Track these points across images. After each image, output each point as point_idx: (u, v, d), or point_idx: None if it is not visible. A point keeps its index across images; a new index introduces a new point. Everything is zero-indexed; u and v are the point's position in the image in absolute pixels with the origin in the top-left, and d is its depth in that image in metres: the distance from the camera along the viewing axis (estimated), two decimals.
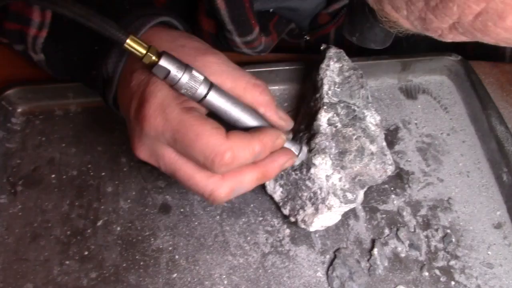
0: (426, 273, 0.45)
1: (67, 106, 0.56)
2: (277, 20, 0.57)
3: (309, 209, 0.45)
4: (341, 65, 0.50)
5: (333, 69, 0.50)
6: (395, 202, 0.50)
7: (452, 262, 0.46)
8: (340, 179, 0.44)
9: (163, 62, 0.34)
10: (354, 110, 0.48)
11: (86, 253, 0.46)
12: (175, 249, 0.46)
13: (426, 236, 0.47)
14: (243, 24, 0.50)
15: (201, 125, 0.35)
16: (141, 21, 0.41)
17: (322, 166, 0.44)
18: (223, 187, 0.37)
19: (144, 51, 0.34)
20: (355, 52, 0.56)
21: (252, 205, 0.49)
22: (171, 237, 0.47)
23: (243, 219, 0.48)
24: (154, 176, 0.51)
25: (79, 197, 0.49)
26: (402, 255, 0.46)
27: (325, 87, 0.49)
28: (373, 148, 0.46)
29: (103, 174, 0.51)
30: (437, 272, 0.45)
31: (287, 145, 0.41)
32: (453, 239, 0.47)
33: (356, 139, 0.46)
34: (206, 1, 0.48)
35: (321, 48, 0.53)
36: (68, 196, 0.49)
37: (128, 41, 0.34)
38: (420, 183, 0.51)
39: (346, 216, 0.48)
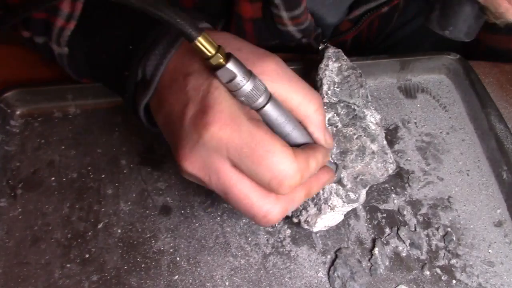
0: (427, 272, 0.45)
1: (66, 108, 0.56)
2: (309, 22, 0.57)
3: (312, 210, 0.45)
4: (339, 64, 0.50)
5: (332, 69, 0.50)
6: (395, 201, 0.50)
7: (453, 261, 0.46)
8: (342, 179, 0.44)
9: (231, 66, 0.32)
10: (354, 110, 0.48)
11: (87, 256, 0.45)
12: (176, 251, 0.46)
13: (427, 235, 0.47)
14: None
15: (272, 141, 0.33)
16: (171, 40, 0.39)
17: None
18: (278, 208, 0.36)
19: (213, 51, 0.32)
20: (356, 52, 0.56)
21: None
22: (172, 239, 0.47)
23: (244, 220, 0.48)
24: (154, 178, 0.51)
25: (79, 200, 0.49)
26: (403, 254, 0.46)
27: (325, 87, 0.49)
28: (374, 147, 0.46)
29: (103, 176, 0.51)
30: (438, 271, 0.45)
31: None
32: (454, 238, 0.47)
33: (357, 138, 0.46)
34: None
35: (319, 48, 0.53)
36: (68, 198, 0.49)
37: (200, 38, 0.31)
38: (420, 182, 0.51)
39: (346, 216, 0.48)
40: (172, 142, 0.37)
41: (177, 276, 0.44)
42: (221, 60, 0.32)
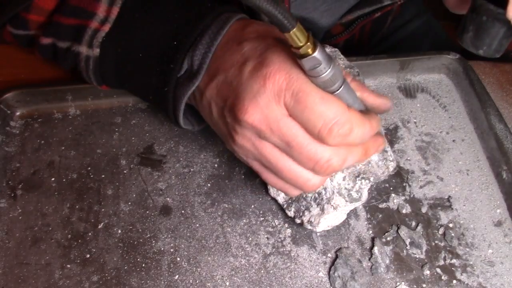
0: (428, 272, 0.45)
1: (66, 109, 0.56)
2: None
3: (315, 210, 0.45)
4: (337, 64, 0.50)
5: None
6: (395, 201, 0.50)
7: (453, 261, 0.46)
8: (344, 178, 0.44)
9: (318, 55, 0.33)
10: None
11: (87, 256, 0.45)
12: (176, 251, 0.46)
13: (427, 235, 0.47)
14: None
15: (326, 93, 0.35)
16: (226, 16, 0.41)
17: None
18: (339, 156, 0.37)
19: (304, 41, 0.32)
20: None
21: (252, 206, 0.49)
22: (172, 239, 0.47)
23: (244, 220, 0.48)
24: (154, 178, 0.51)
25: (79, 200, 0.49)
26: (403, 254, 0.46)
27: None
28: None
29: (103, 176, 0.51)
30: (438, 270, 0.45)
31: None
32: (454, 238, 0.47)
33: None
34: None
35: None
36: (68, 199, 0.49)
37: (295, 28, 0.32)
38: (420, 181, 0.51)
39: (347, 215, 0.48)
40: (227, 106, 0.38)
41: (177, 276, 0.44)
42: (310, 50, 0.33)
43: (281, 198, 0.47)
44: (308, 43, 0.32)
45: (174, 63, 0.42)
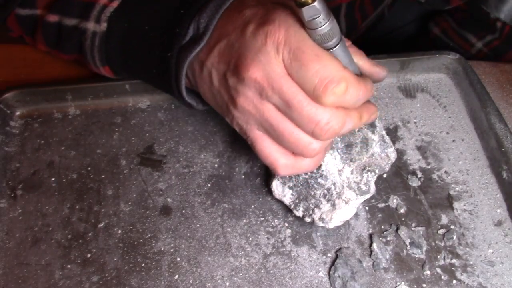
0: (428, 272, 0.45)
1: (66, 109, 0.56)
2: None
3: (325, 206, 0.45)
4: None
5: None
6: (395, 200, 0.50)
7: (453, 261, 0.46)
8: (352, 172, 0.45)
9: (318, 4, 0.33)
10: None
11: (87, 256, 0.45)
12: (176, 251, 0.46)
13: (427, 235, 0.47)
14: None
15: (322, 50, 0.35)
16: None
17: (333, 162, 0.45)
18: (338, 118, 0.37)
19: None
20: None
21: (253, 206, 0.49)
22: (172, 240, 0.47)
23: (244, 220, 0.48)
24: (154, 178, 0.51)
25: (79, 201, 0.49)
26: (403, 254, 0.46)
27: None
28: (375, 137, 0.47)
29: (103, 176, 0.51)
30: (439, 270, 0.45)
31: None
32: (454, 237, 0.47)
33: (358, 131, 0.46)
34: None
35: None
36: (68, 199, 0.49)
37: None
38: (420, 181, 0.51)
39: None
40: (230, 68, 0.39)
41: (177, 277, 0.44)
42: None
43: (287, 198, 0.47)
44: None
45: (180, 28, 0.42)
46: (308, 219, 0.46)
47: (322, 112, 0.36)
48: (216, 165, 0.52)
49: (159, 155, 0.53)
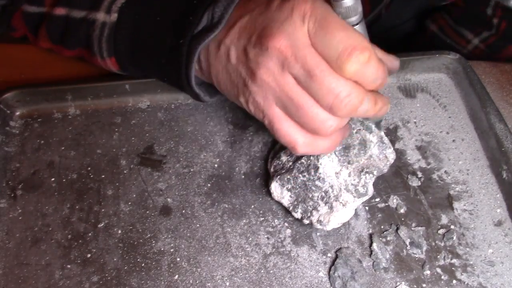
0: (428, 272, 0.45)
1: (66, 109, 0.56)
2: None
3: (323, 209, 0.45)
4: None
5: None
6: (395, 200, 0.50)
7: (453, 260, 0.46)
8: (349, 174, 0.45)
9: None
10: None
11: (87, 256, 0.45)
12: (176, 251, 0.46)
13: (427, 235, 0.47)
14: None
15: (346, 22, 0.37)
16: None
17: (330, 164, 0.45)
18: (358, 93, 0.37)
19: None
20: None
21: (253, 206, 0.49)
22: (172, 240, 0.47)
23: (244, 220, 0.48)
24: (154, 178, 0.51)
25: (79, 201, 0.49)
26: (403, 254, 0.46)
27: None
28: (373, 138, 0.47)
29: (103, 177, 0.51)
30: (439, 270, 0.45)
31: None
32: (454, 237, 0.47)
33: (356, 132, 0.46)
34: None
35: None
36: (68, 199, 0.49)
37: None
38: (420, 181, 0.51)
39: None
40: (251, 42, 0.39)
41: (177, 277, 0.44)
42: None
43: (286, 200, 0.47)
44: None
45: (194, 16, 0.43)
46: (306, 221, 0.46)
47: (344, 84, 0.37)
48: (216, 165, 0.52)
49: (159, 155, 0.53)
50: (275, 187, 0.47)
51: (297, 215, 0.46)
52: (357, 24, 0.38)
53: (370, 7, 0.70)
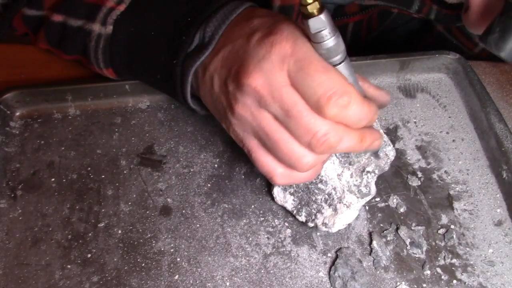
0: (428, 272, 0.45)
1: (66, 109, 0.56)
2: None
3: (327, 211, 0.45)
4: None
5: None
6: (395, 200, 0.50)
7: (454, 260, 0.46)
8: (351, 175, 0.45)
9: (324, 16, 0.33)
10: None
11: (87, 256, 0.45)
12: (176, 251, 0.46)
13: (427, 235, 0.47)
14: None
15: (329, 64, 0.36)
16: (235, 4, 0.42)
17: (331, 166, 0.45)
18: (336, 132, 0.37)
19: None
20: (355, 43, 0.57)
21: (253, 206, 0.49)
22: (172, 240, 0.47)
23: (244, 220, 0.48)
24: (154, 178, 0.51)
25: (79, 201, 0.49)
26: (403, 254, 0.46)
27: None
28: None
29: (103, 177, 0.51)
30: (439, 270, 0.45)
31: None
32: (454, 237, 0.47)
33: None
34: None
35: None
36: (68, 199, 0.49)
37: None
38: (420, 181, 0.51)
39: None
40: (231, 74, 0.39)
41: (177, 277, 0.44)
42: (315, 11, 0.33)
43: (289, 204, 0.47)
44: (316, 3, 0.33)
45: (186, 35, 0.42)
46: (311, 224, 0.46)
47: (321, 123, 0.36)
48: (216, 165, 0.52)
49: (159, 155, 0.53)
50: (277, 191, 0.47)
51: (301, 218, 0.46)
52: (340, 63, 0.37)
53: (378, 21, 0.70)
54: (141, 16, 0.46)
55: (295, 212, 0.46)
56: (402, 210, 0.49)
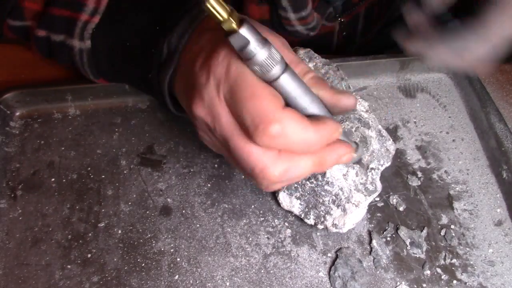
0: (428, 272, 0.45)
1: (66, 109, 0.56)
2: (318, 4, 0.59)
3: (336, 212, 0.45)
4: (314, 63, 0.49)
5: None
6: (395, 200, 0.50)
7: (454, 260, 0.46)
8: (356, 174, 0.44)
9: (244, 32, 0.30)
10: None
11: (87, 256, 0.45)
12: (176, 251, 0.46)
13: (427, 235, 0.47)
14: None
15: (261, 87, 0.33)
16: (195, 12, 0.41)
17: (336, 167, 0.44)
18: (277, 165, 0.34)
19: (225, 16, 0.30)
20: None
21: (253, 206, 0.49)
22: (172, 240, 0.47)
23: (244, 220, 0.48)
24: (154, 178, 0.51)
25: (79, 201, 0.49)
26: (403, 254, 0.46)
27: None
28: (372, 133, 0.46)
29: (103, 177, 0.51)
30: (439, 270, 0.45)
31: (342, 139, 0.38)
32: (454, 237, 0.47)
33: (355, 130, 0.46)
34: None
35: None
36: (69, 199, 0.49)
37: (210, 0, 0.29)
38: (420, 181, 0.51)
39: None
40: (187, 97, 0.38)
41: (177, 277, 0.44)
42: (234, 25, 0.30)
43: (296, 209, 0.46)
44: (231, 18, 0.30)
45: (155, 48, 0.42)
46: (320, 226, 0.46)
47: (259, 156, 0.34)
48: (216, 165, 0.52)
49: (159, 155, 0.53)
50: (283, 197, 0.47)
51: (310, 221, 0.46)
52: (280, 76, 0.33)
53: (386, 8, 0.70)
54: (115, 27, 0.45)
55: (303, 216, 0.46)
56: (402, 210, 0.49)
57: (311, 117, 0.35)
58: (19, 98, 0.55)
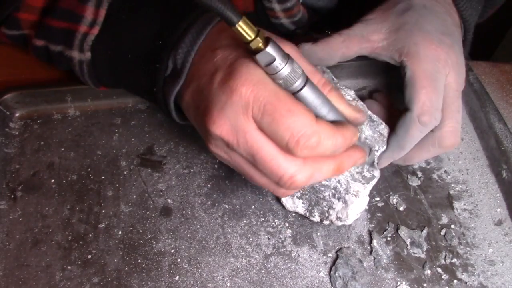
0: (428, 271, 0.45)
1: (66, 110, 0.56)
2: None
3: (338, 205, 0.45)
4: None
5: None
6: (395, 200, 0.50)
7: (454, 260, 0.46)
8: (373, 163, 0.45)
9: (270, 50, 0.33)
10: None
11: (88, 257, 0.45)
12: (177, 252, 0.46)
13: (427, 234, 0.48)
14: None
15: (295, 103, 0.35)
16: (209, 15, 0.41)
17: None
18: (304, 172, 0.36)
19: (253, 35, 0.33)
20: None
21: (253, 207, 0.49)
22: (172, 240, 0.47)
23: (245, 221, 0.48)
24: (155, 179, 0.51)
25: (79, 202, 0.49)
26: (404, 253, 0.46)
27: None
28: None
29: (103, 178, 0.51)
30: (439, 270, 0.45)
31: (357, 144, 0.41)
32: (454, 237, 0.47)
33: None
34: None
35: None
36: (69, 200, 0.49)
37: (240, 22, 0.32)
38: (420, 181, 0.51)
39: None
40: (199, 113, 0.38)
41: (178, 277, 0.44)
42: (261, 44, 0.33)
43: (300, 208, 0.47)
44: (258, 38, 0.33)
45: (159, 63, 0.42)
46: (326, 222, 0.46)
47: (288, 166, 0.36)
48: (216, 166, 0.52)
49: (159, 156, 0.53)
50: (286, 199, 0.47)
51: (315, 218, 0.46)
52: (302, 88, 0.35)
53: None
54: (115, 39, 0.45)
55: (307, 214, 0.46)
56: (402, 210, 0.49)
57: (336, 123, 0.38)
58: (18, 99, 0.55)
